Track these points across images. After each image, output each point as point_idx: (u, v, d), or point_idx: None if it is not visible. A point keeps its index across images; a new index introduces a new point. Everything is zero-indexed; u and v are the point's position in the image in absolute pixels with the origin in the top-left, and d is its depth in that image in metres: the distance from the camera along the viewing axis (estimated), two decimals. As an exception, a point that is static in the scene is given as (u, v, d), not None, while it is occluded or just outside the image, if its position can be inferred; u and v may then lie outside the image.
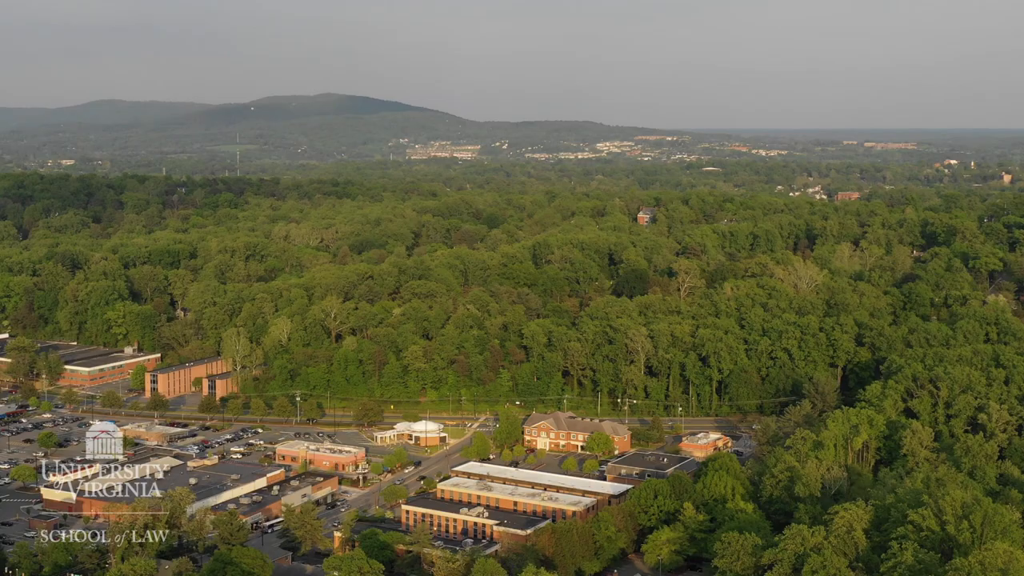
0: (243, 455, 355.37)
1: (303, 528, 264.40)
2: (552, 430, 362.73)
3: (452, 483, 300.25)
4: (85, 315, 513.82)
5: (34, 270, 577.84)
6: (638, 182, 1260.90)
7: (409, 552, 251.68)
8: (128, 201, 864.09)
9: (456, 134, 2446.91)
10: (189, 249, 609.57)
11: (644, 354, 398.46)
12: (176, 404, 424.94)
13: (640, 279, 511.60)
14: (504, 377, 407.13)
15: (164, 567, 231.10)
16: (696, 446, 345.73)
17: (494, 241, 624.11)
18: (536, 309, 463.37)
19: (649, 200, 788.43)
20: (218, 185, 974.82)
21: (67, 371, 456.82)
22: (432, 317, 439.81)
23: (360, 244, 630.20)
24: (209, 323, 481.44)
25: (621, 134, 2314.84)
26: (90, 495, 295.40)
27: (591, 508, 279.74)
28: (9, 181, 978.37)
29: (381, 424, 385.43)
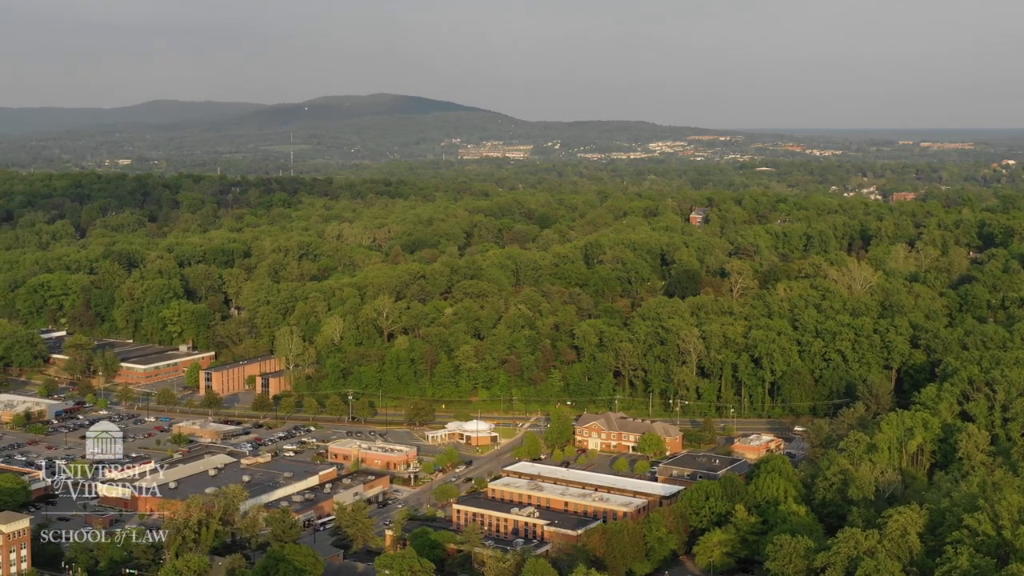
0: (295, 453, 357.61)
1: (354, 526, 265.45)
2: (603, 430, 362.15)
3: (503, 483, 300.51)
4: (141, 313, 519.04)
5: (91, 268, 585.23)
6: (690, 182, 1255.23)
7: (460, 551, 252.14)
8: (183, 200, 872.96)
9: (508, 134, 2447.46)
10: (243, 248, 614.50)
11: (696, 355, 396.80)
12: (230, 402, 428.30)
13: (692, 279, 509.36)
14: (555, 377, 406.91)
15: (217, 564, 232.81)
16: (748, 448, 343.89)
17: (546, 241, 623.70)
18: (588, 309, 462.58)
19: (702, 200, 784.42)
20: (272, 185, 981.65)
21: (123, 368, 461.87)
22: (484, 317, 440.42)
23: (412, 244, 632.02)
24: (263, 322, 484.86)
25: (674, 134, 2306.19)
26: (145, 492, 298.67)
27: (642, 509, 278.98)
28: (67, 181, 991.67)
29: (432, 423, 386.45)
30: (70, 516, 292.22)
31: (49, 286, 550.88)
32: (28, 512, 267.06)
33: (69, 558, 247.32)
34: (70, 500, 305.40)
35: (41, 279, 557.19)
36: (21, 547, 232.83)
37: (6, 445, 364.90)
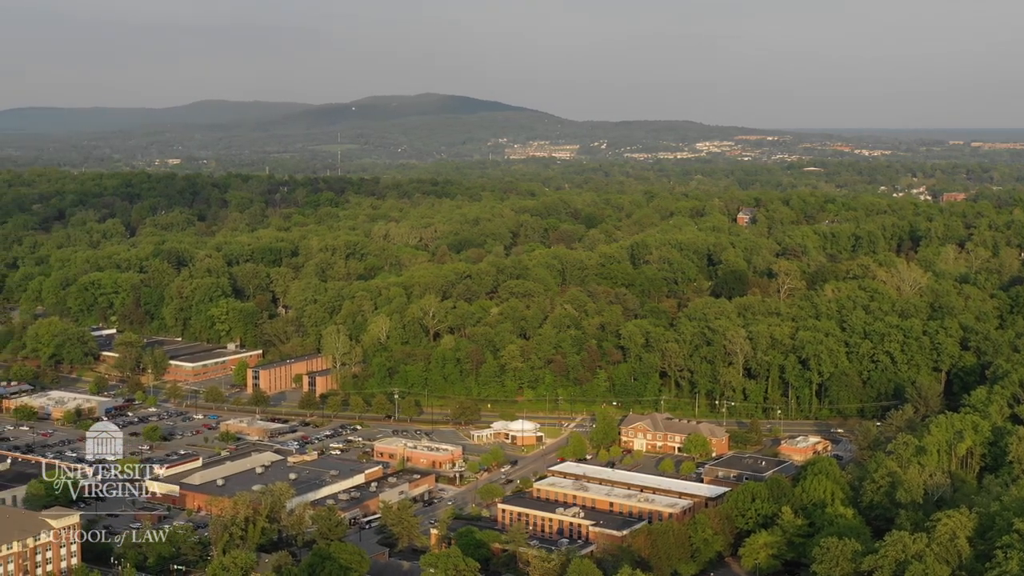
0: (342, 451, 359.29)
1: (400, 525, 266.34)
2: (649, 431, 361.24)
3: (548, 483, 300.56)
4: (190, 311, 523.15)
5: (141, 267, 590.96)
6: (738, 182, 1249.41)
7: (505, 551, 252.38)
8: (232, 200, 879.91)
9: (555, 134, 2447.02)
10: (291, 247, 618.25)
11: (743, 356, 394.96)
12: (277, 400, 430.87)
13: (739, 280, 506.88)
14: (601, 377, 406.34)
15: (264, 561, 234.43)
16: (795, 449, 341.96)
17: (592, 241, 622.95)
18: (634, 309, 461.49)
19: (749, 200, 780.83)
20: (319, 184, 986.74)
21: (172, 366, 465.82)
22: (529, 316, 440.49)
23: (458, 243, 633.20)
24: (310, 320, 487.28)
25: (721, 134, 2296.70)
26: (193, 488, 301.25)
27: (688, 510, 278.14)
28: (118, 180, 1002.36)
29: (478, 423, 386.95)
30: (119, 512, 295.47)
31: (100, 284, 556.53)
32: (78, 508, 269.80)
33: (118, 554, 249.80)
34: (119, 496, 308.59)
35: (92, 277, 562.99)
36: (71, 542, 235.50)
37: (57, 441, 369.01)
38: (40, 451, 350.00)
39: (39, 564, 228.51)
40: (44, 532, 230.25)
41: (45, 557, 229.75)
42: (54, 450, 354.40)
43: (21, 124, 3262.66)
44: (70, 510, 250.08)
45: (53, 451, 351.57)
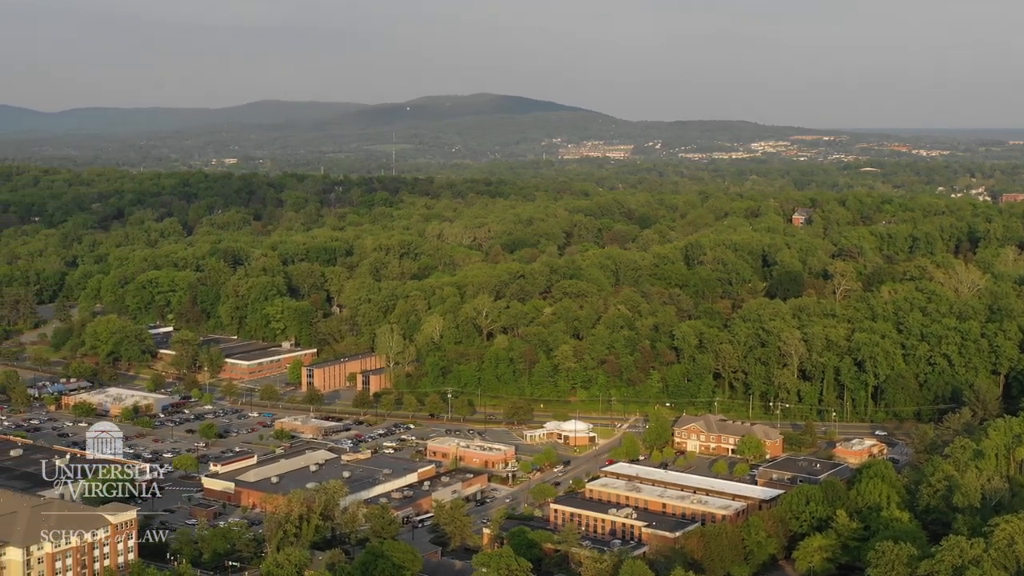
0: (395, 450, 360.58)
1: (453, 524, 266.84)
2: (702, 432, 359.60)
3: (601, 483, 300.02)
4: (245, 310, 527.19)
5: (198, 266, 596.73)
6: (793, 182, 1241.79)
7: (557, 551, 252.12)
8: (287, 199, 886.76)
9: (609, 134, 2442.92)
10: (345, 247, 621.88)
11: (797, 357, 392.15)
12: (331, 399, 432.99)
13: (794, 281, 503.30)
14: (654, 378, 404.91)
15: (318, 558, 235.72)
16: (850, 452, 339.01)
17: (646, 241, 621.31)
18: (687, 310, 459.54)
19: (804, 201, 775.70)
20: (374, 184, 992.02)
21: (227, 364, 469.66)
22: (583, 317, 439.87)
23: (512, 243, 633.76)
24: (364, 319, 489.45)
25: (776, 134, 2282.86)
26: (248, 486, 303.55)
27: (741, 512, 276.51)
28: (175, 179, 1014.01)
29: (531, 423, 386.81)
30: (175, 508, 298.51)
31: (157, 283, 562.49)
32: (135, 504, 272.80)
33: (174, 550, 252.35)
34: (176, 492, 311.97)
35: (149, 276, 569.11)
36: (128, 538, 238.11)
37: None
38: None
39: (96, 559, 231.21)
40: (102, 527, 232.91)
41: (102, 552, 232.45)
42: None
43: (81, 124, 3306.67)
44: (127, 506, 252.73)
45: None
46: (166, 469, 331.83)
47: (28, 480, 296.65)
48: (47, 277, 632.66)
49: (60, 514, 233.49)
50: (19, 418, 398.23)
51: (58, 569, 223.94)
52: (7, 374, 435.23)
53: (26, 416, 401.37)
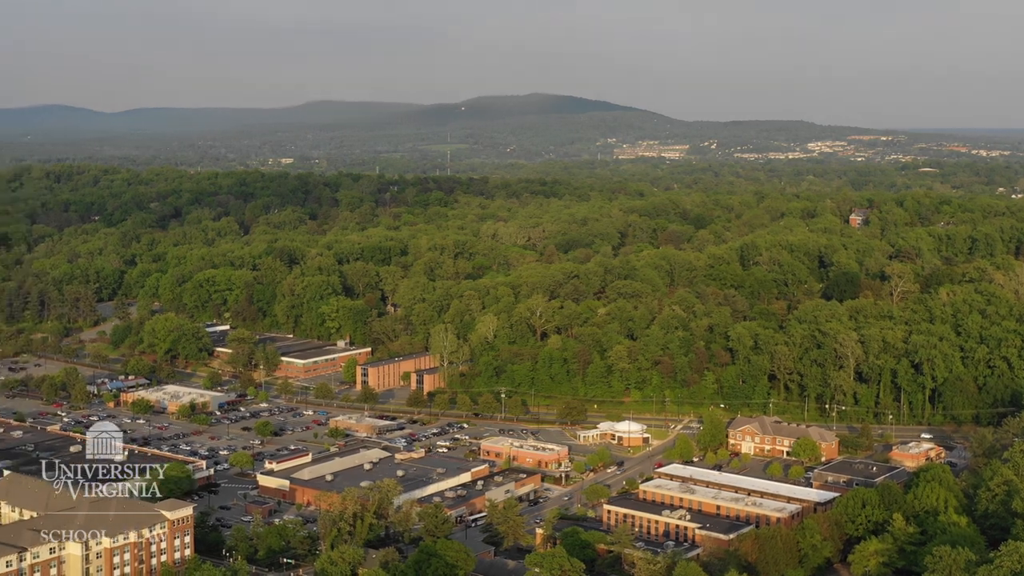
0: (448, 449, 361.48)
1: (506, 523, 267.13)
2: (757, 434, 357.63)
3: (654, 484, 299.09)
4: (301, 309, 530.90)
5: (254, 265, 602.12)
6: (850, 183, 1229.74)
7: (610, 552, 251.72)
8: (343, 199, 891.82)
9: (664, 134, 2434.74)
10: (400, 246, 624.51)
11: (854, 359, 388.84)
12: (385, 397, 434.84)
13: (851, 282, 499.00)
14: (709, 379, 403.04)
15: (371, 556, 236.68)
16: (907, 455, 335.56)
17: (701, 242, 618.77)
18: (743, 311, 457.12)
19: (862, 201, 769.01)
20: (429, 184, 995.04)
21: (283, 363, 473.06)
22: (637, 317, 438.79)
23: (566, 243, 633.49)
24: (418, 319, 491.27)
25: (833, 134, 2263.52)
26: (303, 483, 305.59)
27: (796, 515, 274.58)
28: (232, 179, 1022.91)
29: (584, 423, 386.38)
30: (231, 505, 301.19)
31: (214, 281, 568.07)
32: (192, 500, 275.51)
33: (230, 546, 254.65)
34: (232, 489, 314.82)
35: (207, 274, 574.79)
36: (185, 534, 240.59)
37: (172, 435, 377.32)
38: (156, 444, 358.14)
39: (154, 554, 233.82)
40: (159, 523, 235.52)
41: (159, 547, 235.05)
42: (169, 443, 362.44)
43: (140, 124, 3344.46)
44: (184, 502, 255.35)
45: (168, 445, 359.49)
46: (222, 466, 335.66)
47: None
48: (107, 275, 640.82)
49: (118, 510, 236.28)
50: (79, 414, 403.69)
51: (116, 564, 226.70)
52: (67, 371, 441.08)
53: (86, 413, 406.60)
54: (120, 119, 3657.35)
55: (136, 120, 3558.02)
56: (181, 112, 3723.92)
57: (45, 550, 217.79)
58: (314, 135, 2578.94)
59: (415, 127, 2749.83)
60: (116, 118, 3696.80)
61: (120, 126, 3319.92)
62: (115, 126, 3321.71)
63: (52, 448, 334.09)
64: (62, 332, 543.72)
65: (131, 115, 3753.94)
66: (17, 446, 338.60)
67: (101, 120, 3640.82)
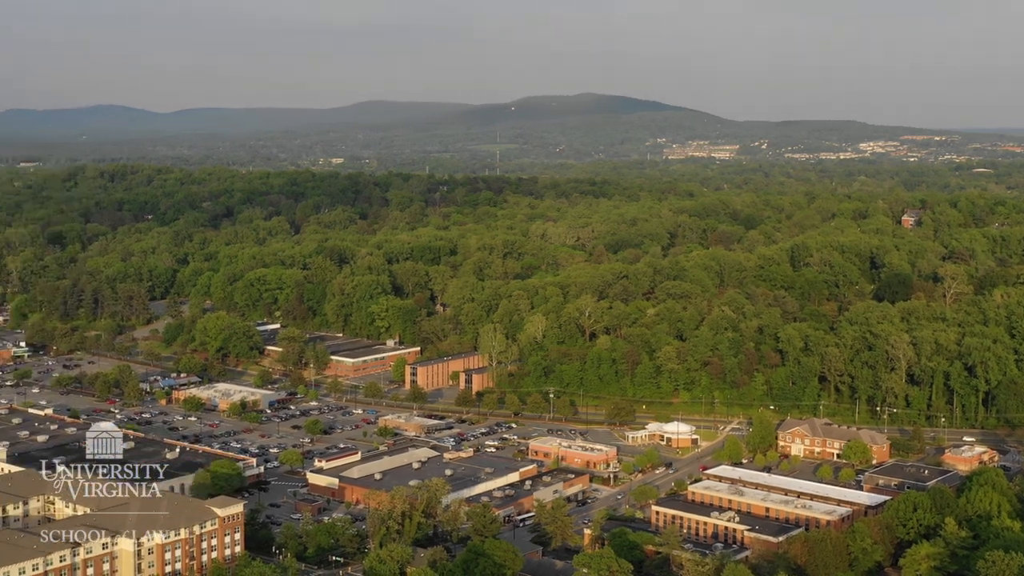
0: (497, 449, 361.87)
1: (554, 524, 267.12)
2: (807, 436, 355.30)
3: (703, 486, 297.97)
4: (350, 308, 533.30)
5: (304, 264, 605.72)
6: (903, 183, 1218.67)
7: (658, 553, 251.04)
8: (393, 198, 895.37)
9: (714, 134, 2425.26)
10: (449, 246, 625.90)
11: (906, 362, 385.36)
12: (434, 397, 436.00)
13: (903, 284, 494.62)
14: (758, 381, 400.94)
15: (419, 555, 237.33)
16: (960, 459, 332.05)
17: (751, 242, 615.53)
18: (793, 312, 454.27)
19: (914, 202, 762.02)
20: (478, 184, 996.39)
21: (333, 361, 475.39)
22: (686, 318, 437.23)
23: (616, 243, 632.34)
24: (467, 319, 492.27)
25: (886, 134, 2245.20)
26: (352, 482, 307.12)
27: (846, 518, 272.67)
28: (284, 179, 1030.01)
29: (633, 424, 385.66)
30: (281, 503, 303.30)
31: (265, 280, 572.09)
32: (242, 497, 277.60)
33: (279, 543, 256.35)
34: (281, 487, 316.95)
35: (258, 273, 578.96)
36: (235, 531, 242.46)
37: (223, 432, 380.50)
38: (207, 441, 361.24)
39: (204, 551, 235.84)
40: (210, 520, 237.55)
41: (210, 544, 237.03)
42: (220, 441, 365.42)
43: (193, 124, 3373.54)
44: (235, 499, 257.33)
45: (219, 442, 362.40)
46: (272, 464, 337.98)
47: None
48: (159, 274, 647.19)
49: (170, 506, 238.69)
50: (132, 411, 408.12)
51: (167, 560, 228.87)
52: (120, 369, 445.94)
53: (138, 410, 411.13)
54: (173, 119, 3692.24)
55: (189, 120, 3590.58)
56: (233, 112, 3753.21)
57: (98, 545, 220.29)
58: (364, 135, 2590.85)
59: (465, 127, 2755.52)
60: (169, 118, 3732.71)
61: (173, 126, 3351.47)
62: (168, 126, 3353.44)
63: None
64: (115, 330, 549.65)
65: (184, 115, 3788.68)
66: (71, 442, 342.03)
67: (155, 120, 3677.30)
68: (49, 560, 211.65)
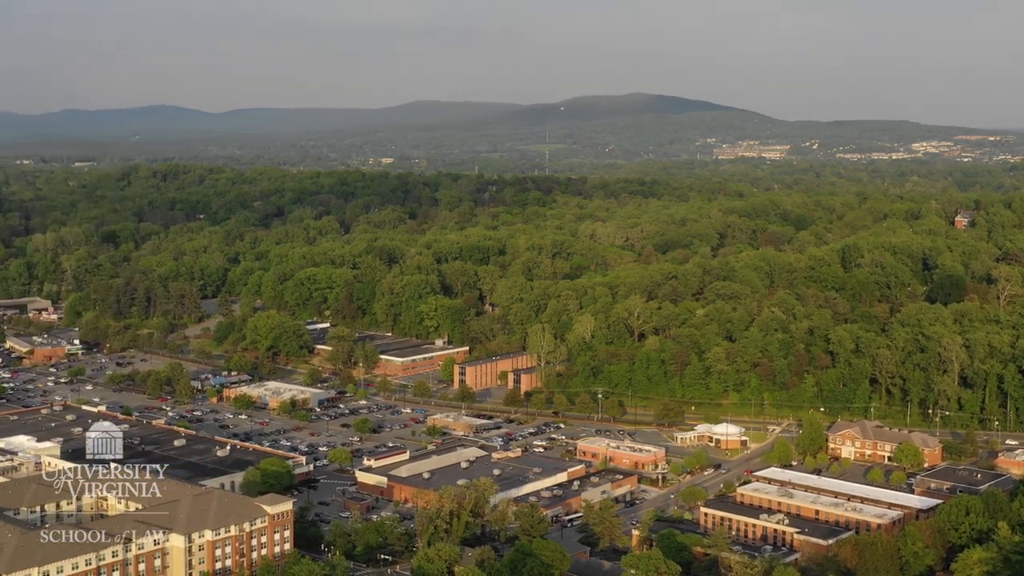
0: (545, 449, 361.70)
1: (602, 524, 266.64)
2: (858, 439, 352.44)
3: (752, 488, 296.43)
4: (400, 307, 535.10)
5: (354, 263, 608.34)
6: (956, 184, 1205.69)
7: (706, 555, 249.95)
8: (442, 198, 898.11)
9: (765, 134, 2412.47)
10: (498, 246, 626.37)
11: (958, 364, 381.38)
12: (482, 396, 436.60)
13: (956, 286, 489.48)
14: (808, 382, 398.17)
15: (467, 554, 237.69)
16: (1013, 463, 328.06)
17: (801, 243, 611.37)
18: (844, 314, 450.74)
19: (968, 203, 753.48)
20: (527, 184, 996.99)
21: (382, 361, 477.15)
22: (736, 319, 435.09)
23: (665, 244, 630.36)
24: (516, 318, 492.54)
25: (939, 134, 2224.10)
26: (400, 480, 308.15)
27: (897, 521, 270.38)
28: (334, 178, 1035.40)
29: (681, 425, 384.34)
30: (330, 501, 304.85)
31: (315, 279, 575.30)
32: (291, 495, 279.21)
33: (328, 541, 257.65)
34: (330, 485, 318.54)
35: (308, 272, 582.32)
36: (285, 528, 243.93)
37: (273, 430, 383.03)
38: (257, 439, 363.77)
39: (254, 548, 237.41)
40: (260, 518, 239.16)
41: (260, 542, 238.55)
42: (270, 439, 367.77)
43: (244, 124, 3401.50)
44: (284, 497, 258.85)
45: (269, 440, 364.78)
46: (321, 462, 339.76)
47: (191, 469, 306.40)
48: (211, 273, 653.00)
49: (220, 503, 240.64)
50: (183, 409, 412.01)
51: (218, 557, 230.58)
52: (172, 366, 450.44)
53: (189, 407, 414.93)
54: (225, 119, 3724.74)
55: (240, 120, 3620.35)
56: (284, 112, 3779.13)
57: (150, 541, 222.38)
58: (414, 135, 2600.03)
59: (514, 127, 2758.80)
60: (221, 118, 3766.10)
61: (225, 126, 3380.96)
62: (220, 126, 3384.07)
63: (156, 442, 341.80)
64: (167, 328, 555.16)
65: (235, 115, 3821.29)
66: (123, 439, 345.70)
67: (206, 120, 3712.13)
68: (102, 556, 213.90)
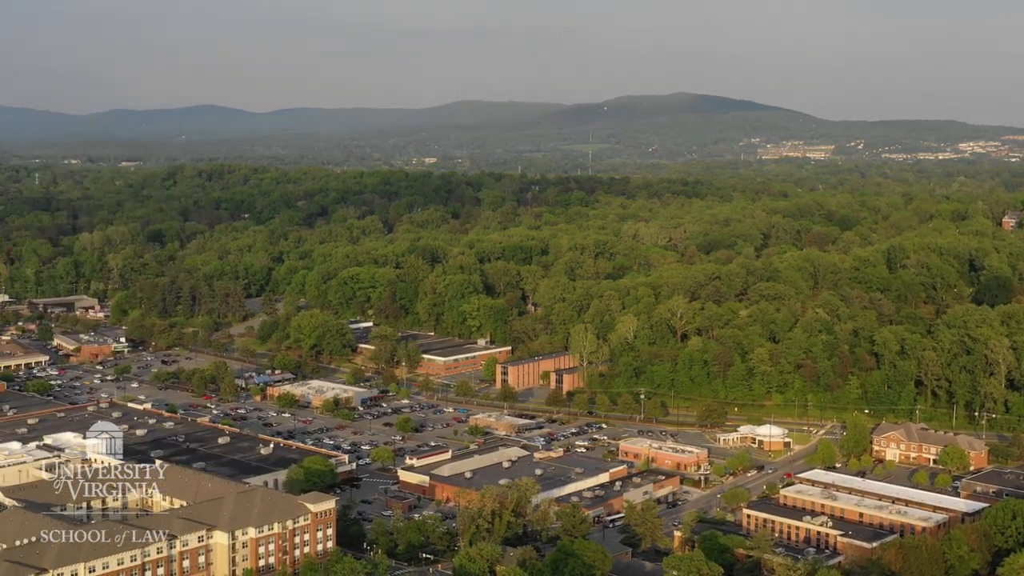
0: (587, 449, 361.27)
1: (644, 525, 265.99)
2: (902, 441, 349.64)
3: (795, 490, 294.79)
4: (442, 307, 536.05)
5: (397, 263, 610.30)
6: (1003, 184, 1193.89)
7: (749, 557, 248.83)
8: (485, 198, 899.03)
9: (809, 133, 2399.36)
10: (541, 246, 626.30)
11: (1006, 366, 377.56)
12: (524, 396, 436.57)
13: (1003, 287, 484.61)
14: (853, 384, 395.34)
15: (509, 554, 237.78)
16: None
17: (846, 243, 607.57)
18: (889, 315, 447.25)
19: (1015, 203, 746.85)
20: (570, 184, 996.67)
21: (424, 360, 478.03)
22: (779, 320, 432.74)
23: (708, 244, 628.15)
24: (558, 318, 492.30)
25: (986, 133, 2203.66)
26: (442, 479, 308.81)
27: (942, 525, 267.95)
28: (377, 178, 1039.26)
29: (724, 426, 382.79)
30: (372, 499, 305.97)
31: (358, 279, 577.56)
32: (334, 494, 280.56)
33: (371, 539, 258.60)
34: (373, 484, 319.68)
35: (351, 272, 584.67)
36: (327, 526, 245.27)
37: (316, 429, 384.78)
38: (301, 438, 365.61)
39: (297, 546, 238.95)
40: (303, 515, 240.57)
41: (303, 539, 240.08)
42: (313, 437, 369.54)
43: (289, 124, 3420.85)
44: (327, 495, 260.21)
45: (312, 439, 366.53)
46: (364, 461, 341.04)
47: (235, 467, 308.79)
48: (255, 272, 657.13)
49: (264, 501, 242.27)
50: (227, 407, 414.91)
51: (261, 554, 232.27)
52: (217, 365, 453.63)
53: (234, 405, 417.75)
54: (269, 119, 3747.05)
55: (285, 120, 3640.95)
56: (328, 112, 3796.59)
57: (194, 538, 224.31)
58: (457, 135, 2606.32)
59: (557, 127, 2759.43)
60: (266, 118, 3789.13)
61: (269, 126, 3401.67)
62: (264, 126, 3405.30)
63: (201, 439, 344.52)
64: (212, 327, 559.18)
65: (280, 115, 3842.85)
66: (168, 436, 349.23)
67: (251, 120, 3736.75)
68: (147, 552, 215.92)
